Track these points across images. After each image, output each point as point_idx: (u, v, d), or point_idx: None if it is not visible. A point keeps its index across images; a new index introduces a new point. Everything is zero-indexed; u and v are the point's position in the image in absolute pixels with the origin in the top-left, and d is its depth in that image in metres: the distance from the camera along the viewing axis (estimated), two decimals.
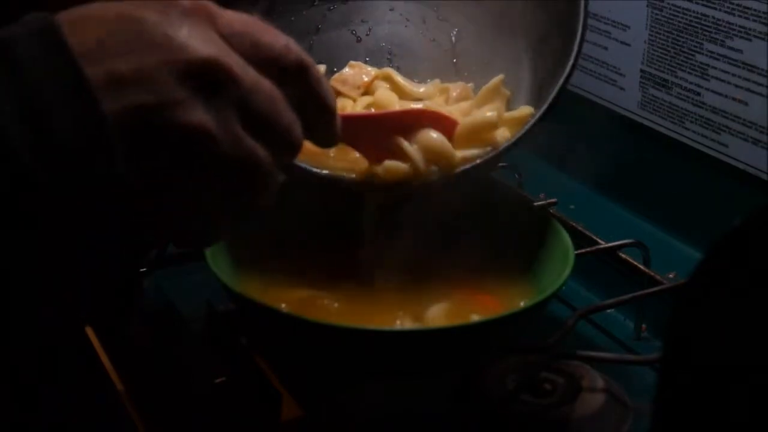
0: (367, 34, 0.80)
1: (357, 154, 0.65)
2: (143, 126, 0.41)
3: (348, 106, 0.72)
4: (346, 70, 0.76)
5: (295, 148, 0.47)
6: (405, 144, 0.64)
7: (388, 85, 0.75)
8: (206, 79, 0.42)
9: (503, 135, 0.69)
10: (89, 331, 0.74)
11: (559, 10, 0.69)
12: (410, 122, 0.64)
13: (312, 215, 0.70)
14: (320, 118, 0.49)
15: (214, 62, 0.42)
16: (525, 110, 0.70)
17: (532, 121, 0.65)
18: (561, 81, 0.65)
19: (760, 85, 0.71)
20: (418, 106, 0.71)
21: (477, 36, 0.78)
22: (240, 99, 0.43)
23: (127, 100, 0.40)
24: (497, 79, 0.73)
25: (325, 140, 0.51)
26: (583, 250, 0.69)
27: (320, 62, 0.77)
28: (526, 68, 0.74)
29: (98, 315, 0.67)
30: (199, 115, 0.41)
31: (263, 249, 0.68)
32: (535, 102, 0.70)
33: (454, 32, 0.79)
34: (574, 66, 0.65)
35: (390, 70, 0.76)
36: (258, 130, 0.44)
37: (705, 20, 0.75)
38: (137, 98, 0.40)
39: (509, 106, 0.73)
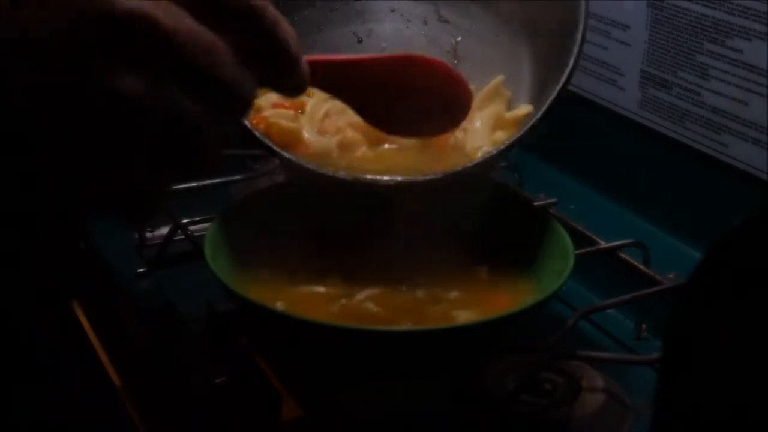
0: (368, 36, 0.80)
1: (360, 153, 0.65)
2: (60, 93, 0.37)
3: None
4: None
5: (243, 105, 0.42)
6: None
7: None
8: (131, 35, 0.37)
9: (501, 136, 0.70)
10: (89, 331, 0.74)
11: (560, 10, 0.69)
12: (402, 71, 0.61)
13: (312, 215, 0.70)
14: (279, 66, 0.44)
15: (140, 14, 0.37)
16: (525, 109, 0.70)
17: (532, 121, 0.65)
18: (561, 82, 0.65)
19: (760, 85, 0.71)
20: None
21: (478, 37, 0.78)
22: (173, 55, 0.38)
23: (41, 63, 0.36)
24: (497, 80, 0.73)
25: (289, 89, 0.47)
26: (583, 250, 0.69)
27: None
28: (527, 69, 0.74)
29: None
30: (124, 78, 0.37)
31: (263, 249, 0.68)
32: (536, 103, 0.70)
33: (455, 33, 0.79)
34: (574, 67, 0.65)
35: None
36: (196, 88, 0.39)
37: (705, 20, 0.75)
38: (52, 61, 0.36)
39: (510, 106, 0.73)
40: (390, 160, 0.69)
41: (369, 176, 0.65)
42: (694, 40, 0.76)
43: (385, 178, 0.65)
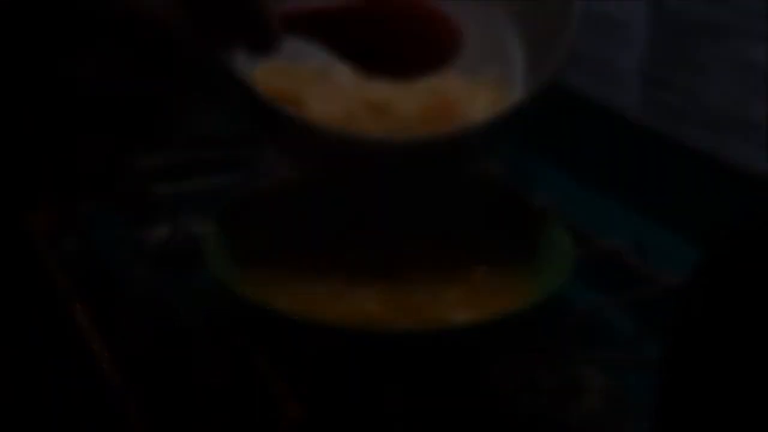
0: None
1: (363, 125, 0.65)
2: (15, 78, 0.37)
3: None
4: None
5: (209, 67, 0.41)
6: None
7: None
8: (87, 13, 0.37)
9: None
10: (89, 331, 0.74)
11: (555, 3, 0.69)
12: (386, 13, 0.59)
13: (312, 214, 0.70)
14: (244, 25, 0.43)
15: None
16: (516, 99, 0.70)
17: (525, 95, 0.65)
18: (557, 58, 0.65)
19: (760, 85, 0.71)
20: None
21: (473, 31, 0.78)
22: (127, 29, 0.37)
23: None
24: (492, 73, 0.74)
25: (257, 48, 0.45)
26: (583, 250, 0.69)
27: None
28: (522, 60, 0.74)
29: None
30: (79, 59, 0.37)
31: (263, 249, 0.68)
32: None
33: None
34: (566, 59, 0.65)
35: None
36: (153, 60, 0.38)
37: (705, 20, 0.75)
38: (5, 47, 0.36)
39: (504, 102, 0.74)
40: (393, 133, 0.68)
41: (364, 135, 0.64)
42: (694, 40, 0.76)
43: (379, 137, 0.64)
